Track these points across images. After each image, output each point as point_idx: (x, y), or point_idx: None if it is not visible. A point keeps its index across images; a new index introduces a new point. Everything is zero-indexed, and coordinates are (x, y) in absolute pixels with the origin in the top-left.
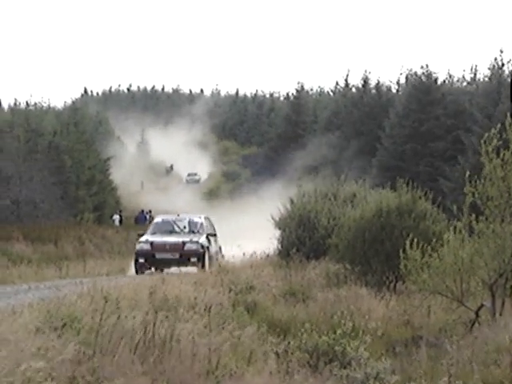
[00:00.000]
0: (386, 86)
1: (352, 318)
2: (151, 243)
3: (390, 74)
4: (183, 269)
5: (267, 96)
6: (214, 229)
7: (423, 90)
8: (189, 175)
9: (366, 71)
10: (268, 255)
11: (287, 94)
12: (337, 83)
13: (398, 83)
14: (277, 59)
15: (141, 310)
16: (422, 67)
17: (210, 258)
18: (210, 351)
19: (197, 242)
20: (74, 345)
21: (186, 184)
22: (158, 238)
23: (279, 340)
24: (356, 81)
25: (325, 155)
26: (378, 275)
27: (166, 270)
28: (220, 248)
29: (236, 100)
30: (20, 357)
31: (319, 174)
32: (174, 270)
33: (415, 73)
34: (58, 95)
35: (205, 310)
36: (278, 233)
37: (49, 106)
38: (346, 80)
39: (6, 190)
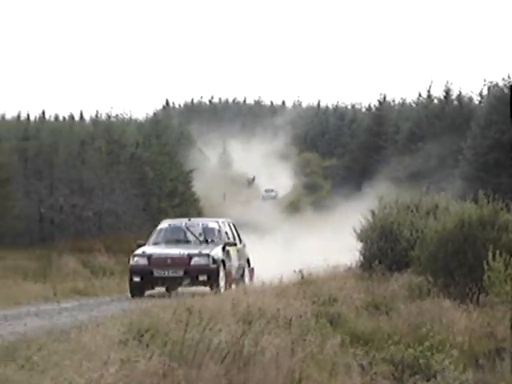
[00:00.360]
0: (468, 98)
1: (435, 330)
2: (149, 257)
3: (471, 85)
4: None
5: (349, 107)
6: (239, 236)
7: (505, 101)
8: (265, 191)
9: (447, 82)
10: (350, 267)
11: (369, 106)
12: (419, 94)
13: (480, 95)
14: (358, 71)
15: (224, 322)
16: (503, 79)
17: (228, 274)
18: (294, 363)
19: (207, 255)
20: (159, 356)
21: (262, 200)
22: (158, 250)
23: (362, 352)
24: (438, 92)
25: (407, 166)
26: (460, 287)
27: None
28: (248, 261)
29: (317, 111)
30: (103, 369)
31: (401, 184)
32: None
33: (497, 84)
34: (140, 107)
35: (286, 322)
36: (359, 245)
37: (130, 117)
38: (428, 91)
39: (88, 201)
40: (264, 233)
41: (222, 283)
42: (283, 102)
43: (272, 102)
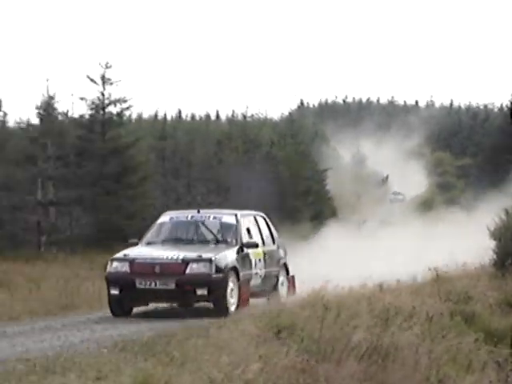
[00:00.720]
0: None
1: None
2: (131, 262)
3: None
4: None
5: (481, 107)
6: (272, 235)
7: None
8: (393, 194)
9: None
10: (483, 265)
11: (501, 105)
12: None
13: None
14: (490, 71)
15: (361, 319)
16: None
17: (243, 286)
18: (431, 360)
19: (209, 261)
20: (297, 352)
21: (390, 202)
22: (146, 253)
23: (497, 349)
24: None
25: None
26: None
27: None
28: (285, 266)
29: (450, 111)
30: (242, 363)
31: None
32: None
33: None
34: (275, 107)
35: (426, 319)
36: (492, 243)
37: (265, 117)
38: None
39: (224, 199)
40: (395, 231)
41: (231, 299)
42: (416, 102)
43: (405, 102)
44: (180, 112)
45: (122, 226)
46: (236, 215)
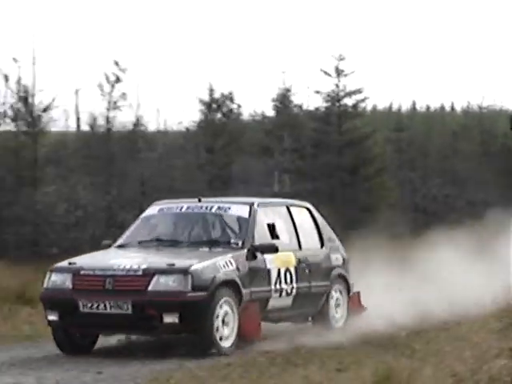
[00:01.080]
0: None
1: None
2: (74, 273)
3: None
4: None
5: None
6: (320, 235)
7: None
8: None
9: None
10: None
11: None
12: None
13: None
14: None
15: None
16: None
17: (248, 310)
18: None
19: (184, 272)
20: None
21: None
22: (98, 260)
23: None
24: None
25: None
26: None
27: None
28: (343, 279)
29: None
30: (484, 357)
31: None
32: None
33: None
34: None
35: None
36: None
37: (501, 108)
38: None
39: (462, 191)
40: None
41: (224, 330)
42: None
43: None
44: (414, 103)
45: (357, 217)
46: (251, 205)
